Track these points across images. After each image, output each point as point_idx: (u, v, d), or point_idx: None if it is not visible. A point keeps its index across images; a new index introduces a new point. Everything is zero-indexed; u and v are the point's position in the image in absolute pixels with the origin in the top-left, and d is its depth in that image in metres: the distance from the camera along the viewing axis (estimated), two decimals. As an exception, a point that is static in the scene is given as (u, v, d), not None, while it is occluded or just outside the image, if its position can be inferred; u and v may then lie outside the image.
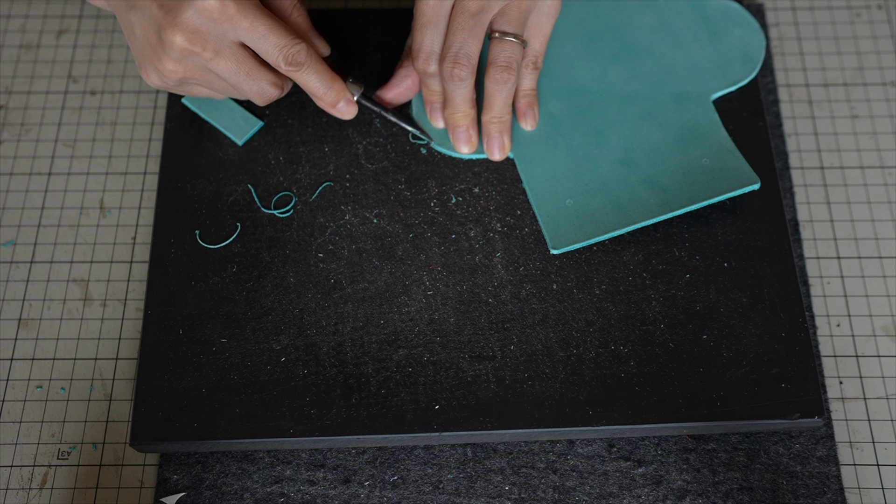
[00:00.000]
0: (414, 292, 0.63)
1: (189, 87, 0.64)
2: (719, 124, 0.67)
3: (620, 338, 0.61)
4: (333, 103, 0.65)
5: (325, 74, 0.63)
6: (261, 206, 0.66)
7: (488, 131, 0.66)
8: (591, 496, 0.60)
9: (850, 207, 0.69)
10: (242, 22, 0.59)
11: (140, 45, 0.61)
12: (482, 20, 0.62)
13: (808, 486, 0.60)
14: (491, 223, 0.65)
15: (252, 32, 0.60)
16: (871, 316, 0.65)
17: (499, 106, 0.65)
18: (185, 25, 0.58)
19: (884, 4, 0.76)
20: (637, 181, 0.65)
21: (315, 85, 0.63)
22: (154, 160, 0.71)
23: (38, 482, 0.61)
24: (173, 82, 0.62)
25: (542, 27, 0.65)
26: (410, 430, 0.59)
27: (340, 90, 0.64)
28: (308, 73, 0.62)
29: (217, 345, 0.62)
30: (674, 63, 0.70)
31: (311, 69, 0.62)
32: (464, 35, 0.62)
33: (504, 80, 0.64)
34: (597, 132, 0.68)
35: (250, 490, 0.60)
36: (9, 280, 0.67)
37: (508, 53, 0.63)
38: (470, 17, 0.62)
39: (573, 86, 0.69)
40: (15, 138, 0.72)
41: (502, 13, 0.63)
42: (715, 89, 0.69)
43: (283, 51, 0.60)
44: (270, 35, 0.60)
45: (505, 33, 0.63)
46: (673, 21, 0.71)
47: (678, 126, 0.67)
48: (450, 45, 0.62)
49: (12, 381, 0.64)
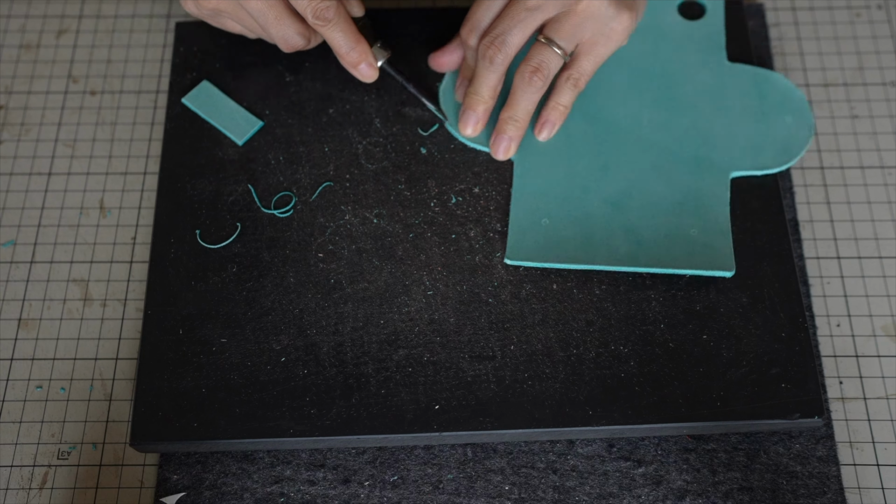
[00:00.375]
0: (414, 292, 0.63)
1: (222, 20, 0.66)
2: (726, 203, 0.64)
3: (620, 338, 0.61)
4: (355, 64, 0.65)
5: (351, 35, 0.64)
6: (261, 206, 0.66)
7: (501, 129, 0.66)
8: (591, 496, 0.60)
9: (850, 207, 0.69)
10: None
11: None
12: (535, 17, 0.62)
13: (808, 486, 0.60)
14: (491, 223, 0.65)
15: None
16: (871, 316, 0.65)
17: (521, 107, 0.65)
18: None
19: (884, 4, 0.76)
20: (618, 226, 0.64)
21: (339, 42, 0.64)
22: (154, 160, 0.71)
23: (38, 482, 0.61)
24: (207, 11, 0.65)
25: (598, 49, 0.64)
26: (410, 430, 0.59)
27: (363, 52, 0.65)
28: (334, 29, 0.63)
29: (217, 345, 0.62)
30: (711, 128, 0.67)
31: (337, 27, 0.63)
32: (511, 23, 0.62)
33: (530, 80, 0.63)
34: (602, 166, 0.66)
35: (250, 490, 0.60)
36: (9, 280, 0.67)
37: (544, 58, 0.63)
38: (524, 9, 0.62)
39: (602, 114, 0.68)
40: (15, 138, 0.72)
41: (556, 20, 0.63)
42: (740, 168, 0.66)
43: (311, 3, 0.61)
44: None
45: (550, 40, 0.63)
46: (729, 86, 0.69)
47: (685, 189, 0.65)
48: (494, 26, 0.63)
49: (12, 381, 0.64)
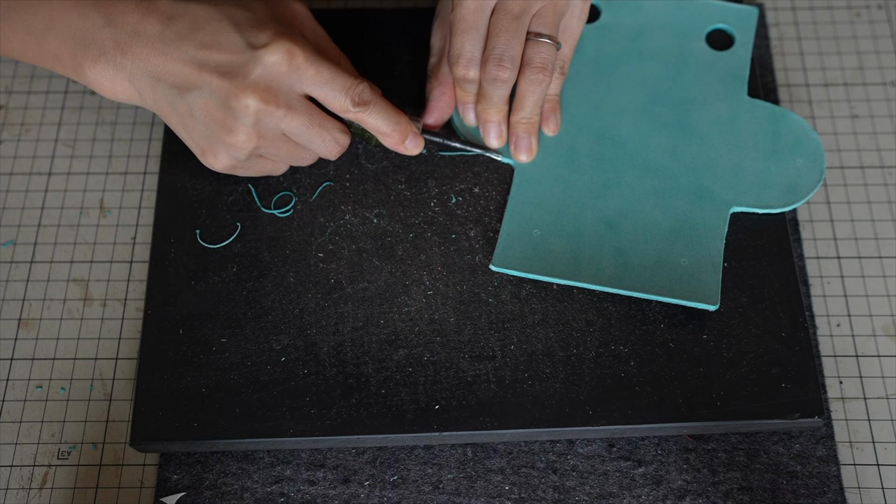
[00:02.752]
0: (414, 292, 0.63)
1: (254, 163, 0.63)
2: (722, 237, 0.63)
3: (620, 338, 0.61)
4: (402, 140, 0.64)
5: (391, 111, 0.63)
6: (261, 205, 0.66)
7: (517, 132, 0.65)
8: (591, 496, 0.60)
9: (850, 207, 0.69)
10: (309, 70, 0.58)
11: (203, 127, 0.60)
12: (524, 22, 0.61)
13: (808, 486, 0.60)
14: (491, 223, 0.65)
15: (318, 78, 0.59)
16: (871, 316, 0.65)
17: (529, 107, 0.64)
18: (256, 85, 0.58)
19: (884, 4, 0.76)
20: (608, 246, 0.63)
21: (382, 123, 0.62)
22: (154, 160, 0.71)
23: (38, 482, 0.61)
24: (245, 155, 0.61)
25: (572, 31, 0.65)
26: (410, 429, 0.59)
27: (406, 124, 0.64)
28: (375, 111, 0.62)
29: (217, 345, 0.62)
30: (718, 160, 0.66)
31: (377, 107, 0.62)
32: (507, 38, 0.61)
33: (539, 80, 0.63)
34: (603, 184, 0.65)
35: (250, 490, 0.60)
36: (9, 280, 0.67)
37: (545, 55, 0.62)
38: (513, 20, 0.61)
39: (609, 134, 0.67)
40: (15, 138, 0.72)
41: (538, 14, 0.62)
42: (742, 203, 0.64)
43: (349, 92, 0.60)
44: (336, 79, 0.59)
45: (540, 34, 0.62)
46: (743, 120, 0.67)
47: (682, 217, 0.64)
48: (493, 47, 0.61)
49: (12, 381, 0.64)
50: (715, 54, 0.70)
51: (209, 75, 0.58)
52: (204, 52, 0.58)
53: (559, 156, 0.67)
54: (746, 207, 0.65)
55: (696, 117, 0.68)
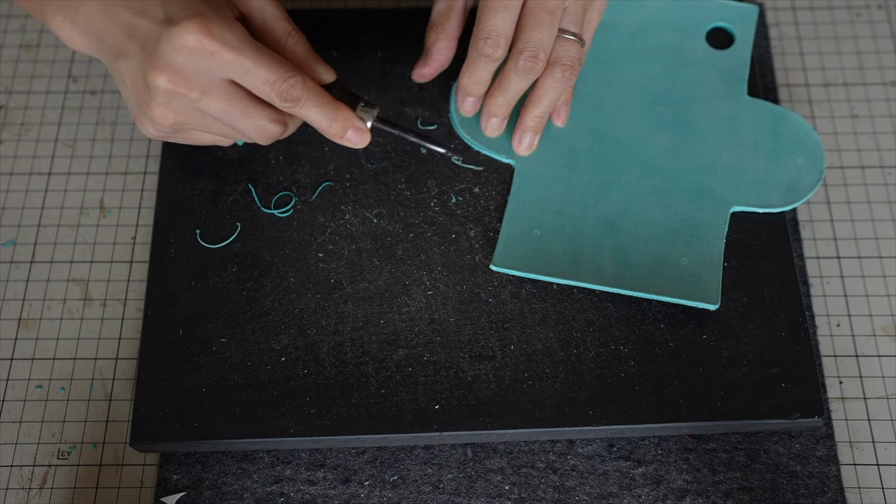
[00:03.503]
0: (414, 292, 0.63)
1: (187, 133, 0.60)
2: (722, 236, 0.63)
3: (620, 338, 0.61)
4: (341, 134, 0.60)
5: (327, 105, 0.59)
6: (261, 205, 0.66)
7: (527, 126, 0.65)
8: (591, 496, 0.60)
9: (850, 207, 0.69)
10: (225, 56, 0.54)
11: (131, 94, 0.58)
12: (558, 17, 0.60)
13: (808, 485, 0.60)
14: (491, 223, 0.65)
15: (237, 67, 0.55)
16: (871, 316, 0.65)
17: (546, 103, 0.64)
18: (165, 65, 0.55)
19: (884, 4, 0.76)
20: (609, 246, 0.63)
21: (317, 118, 0.59)
22: (154, 160, 0.71)
23: (38, 482, 0.61)
24: (167, 129, 0.58)
25: (591, 24, 0.64)
26: (410, 429, 0.59)
27: (346, 119, 0.60)
28: (307, 106, 0.58)
29: (217, 345, 0.62)
30: (718, 159, 0.66)
31: (309, 102, 0.58)
32: (544, 32, 0.60)
33: (566, 79, 0.62)
34: (603, 184, 0.65)
35: (250, 490, 0.60)
36: (9, 280, 0.67)
37: (573, 54, 0.62)
38: (549, 14, 0.60)
39: (609, 133, 0.67)
40: (15, 138, 0.72)
41: (568, 10, 0.61)
42: (742, 203, 0.64)
43: (274, 86, 0.56)
44: (258, 69, 0.55)
45: (567, 31, 0.62)
46: (743, 120, 0.67)
47: (682, 218, 0.64)
48: (528, 39, 0.60)
49: (12, 381, 0.64)
50: (715, 53, 0.70)
51: (134, 45, 0.56)
52: (135, 18, 0.56)
53: (559, 155, 0.67)
54: (746, 207, 0.65)
55: (696, 116, 0.68)
